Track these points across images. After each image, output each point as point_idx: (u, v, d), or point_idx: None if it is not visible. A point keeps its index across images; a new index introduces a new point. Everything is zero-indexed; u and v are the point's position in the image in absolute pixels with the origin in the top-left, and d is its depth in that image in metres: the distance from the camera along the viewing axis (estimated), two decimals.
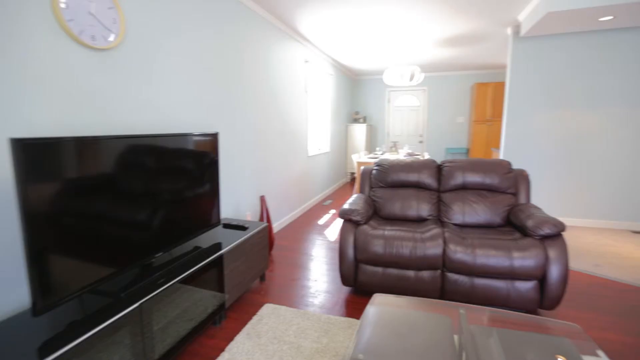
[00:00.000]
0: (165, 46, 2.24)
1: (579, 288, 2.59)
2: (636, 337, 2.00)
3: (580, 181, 4.03)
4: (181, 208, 1.99)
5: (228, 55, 2.94)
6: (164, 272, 1.76)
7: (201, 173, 2.16)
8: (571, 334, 1.41)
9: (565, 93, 3.92)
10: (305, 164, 5.02)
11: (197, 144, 2.11)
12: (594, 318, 2.20)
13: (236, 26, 3.04)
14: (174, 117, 2.36)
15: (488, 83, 6.69)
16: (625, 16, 3.04)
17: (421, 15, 3.50)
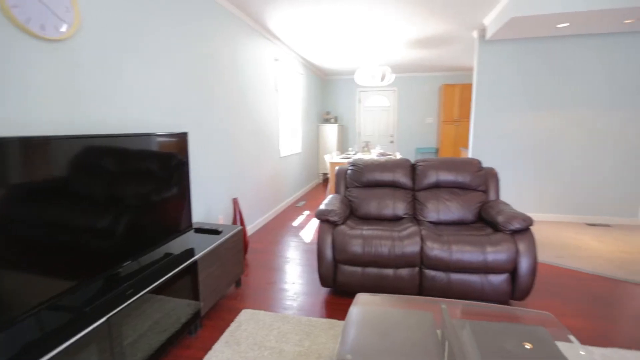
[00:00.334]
0: (127, 41, 2.09)
1: (545, 279, 2.73)
2: (599, 321, 2.14)
3: (542, 179, 4.28)
4: (148, 213, 1.86)
5: (196, 52, 2.82)
6: (132, 283, 1.64)
7: (170, 175, 2.04)
8: (545, 322, 1.47)
9: (527, 95, 4.15)
10: (278, 164, 4.94)
11: (164, 144, 1.98)
12: (560, 306, 2.32)
13: (204, 21, 2.92)
14: (138, 116, 2.21)
15: (455, 84, 6.96)
16: (580, 24, 3.27)
17: (393, 15, 3.55)
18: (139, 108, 2.20)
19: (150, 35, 2.27)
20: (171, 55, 2.50)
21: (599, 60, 3.92)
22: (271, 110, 4.58)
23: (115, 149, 1.61)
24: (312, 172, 7.11)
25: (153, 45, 2.31)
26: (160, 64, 2.39)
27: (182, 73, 2.64)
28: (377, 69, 4.71)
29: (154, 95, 2.34)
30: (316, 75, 7.22)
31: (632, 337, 1.98)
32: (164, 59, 2.42)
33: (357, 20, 3.75)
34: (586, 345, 1.78)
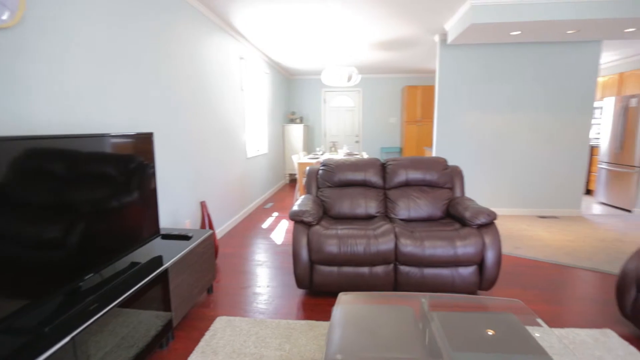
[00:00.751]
0: (81, 34, 1.92)
1: (506, 269, 2.92)
2: (558, 305, 2.32)
3: (499, 175, 4.58)
4: (109, 221, 1.71)
5: (159, 49, 2.66)
6: (96, 297, 1.50)
7: (133, 179, 1.90)
8: (515, 308, 1.56)
9: (485, 97, 4.42)
10: (245, 166, 4.82)
11: (124, 146, 1.84)
12: (521, 293, 2.50)
13: (167, 16, 2.77)
14: (94, 116, 2.04)
15: (417, 86, 7.24)
16: (530, 32, 3.54)
17: (360, 15, 3.60)
18: (94, 107, 2.03)
19: (106, 29, 2.11)
20: (132, 52, 2.33)
21: (546, 66, 4.28)
22: (237, 110, 4.46)
23: (64, 151, 1.45)
24: (278, 173, 7.03)
25: (112, 40, 2.14)
26: (121, 62, 2.22)
27: (143, 70, 2.48)
28: (344, 70, 4.76)
29: (113, 94, 2.17)
30: (281, 75, 7.15)
31: (583, 317, 2.17)
32: (124, 56, 2.25)
33: (324, 21, 3.76)
34: (573, 329, 1.93)
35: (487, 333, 1.35)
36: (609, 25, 3.25)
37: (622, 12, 3.01)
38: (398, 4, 3.25)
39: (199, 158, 3.37)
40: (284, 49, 5.09)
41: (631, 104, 4.70)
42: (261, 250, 3.43)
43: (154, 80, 2.60)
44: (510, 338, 1.33)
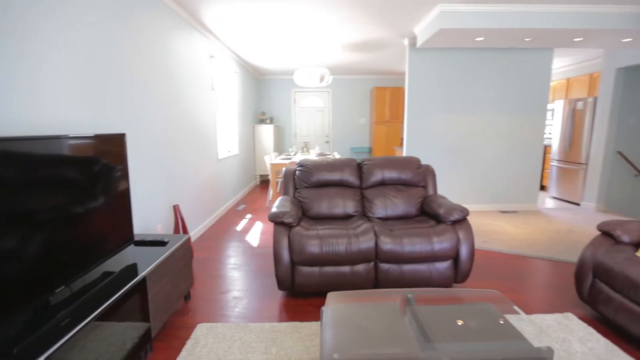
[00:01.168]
0: (43, 29, 1.77)
1: (476, 262, 3.09)
2: (524, 294, 2.49)
3: (465, 173, 4.83)
4: (79, 229, 1.60)
5: (127, 45, 2.52)
6: (68, 312, 1.39)
7: (105, 183, 1.79)
8: (493, 298, 1.66)
9: (452, 99, 4.64)
10: (216, 167, 4.69)
11: (96, 148, 1.73)
12: (492, 284, 2.65)
13: (136, 11, 2.63)
14: (61, 117, 1.89)
15: (386, 87, 7.43)
16: (492, 38, 3.77)
17: (334, 16, 3.63)
18: (53, 106, 1.88)
19: (68, 23, 1.96)
20: (97, 50, 2.19)
21: (507, 71, 4.58)
22: (208, 110, 4.32)
23: (16, 154, 1.31)
24: (249, 174, 6.91)
25: (77, 36, 1.99)
26: (85, 59, 2.07)
27: (110, 68, 2.33)
28: (316, 71, 4.78)
29: (79, 94, 2.02)
30: (251, 74, 7.03)
31: (547, 303, 2.35)
32: (88, 53, 2.10)
33: (296, 21, 3.75)
34: (539, 314, 2.07)
35: (471, 323, 1.42)
36: (561, 34, 3.54)
37: (572, 23, 3.30)
38: (371, 8, 3.32)
39: (170, 160, 3.23)
40: (254, 48, 5.02)
41: (578, 107, 5.16)
42: (237, 254, 3.36)
43: (123, 78, 2.45)
44: (492, 327, 1.42)
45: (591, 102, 4.92)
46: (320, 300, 2.46)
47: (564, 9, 3.26)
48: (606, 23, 3.31)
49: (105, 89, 2.27)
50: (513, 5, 3.23)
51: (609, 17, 3.31)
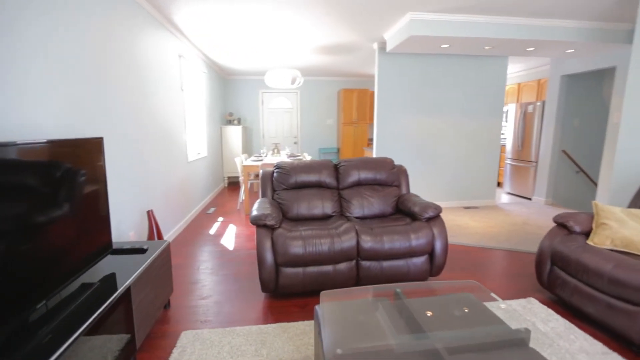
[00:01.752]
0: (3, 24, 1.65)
1: (447, 255, 3.28)
2: (491, 282, 2.70)
3: (431, 172, 5.09)
4: (54, 240, 1.51)
5: (93, 44, 2.38)
6: (50, 330, 1.31)
7: (82, 191, 1.70)
8: (472, 288, 1.80)
9: (419, 102, 4.88)
10: (186, 170, 4.55)
11: (71, 153, 1.63)
12: (462, 275, 2.85)
13: (102, 4, 2.49)
14: (27, 121, 1.76)
15: (353, 89, 7.60)
16: (456, 46, 4.02)
17: (309, 21, 3.68)
18: (26, 110, 1.75)
19: (25, 16, 1.83)
20: (63, 48, 2.05)
21: (469, 76, 4.90)
22: (178, 111, 4.18)
23: None
24: (217, 176, 6.76)
25: (43, 34, 1.86)
26: (51, 58, 1.94)
27: (79, 70, 2.20)
28: (288, 72, 4.80)
29: (45, 94, 1.89)
30: (218, 74, 6.87)
31: (511, 289, 2.57)
32: (54, 52, 1.97)
33: (268, 23, 3.75)
34: (506, 300, 2.25)
35: (456, 312, 1.54)
36: (516, 44, 3.88)
37: (525, 35, 3.63)
38: (345, 14, 3.41)
39: (141, 164, 3.09)
40: (224, 48, 4.92)
41: (528, 110, 5.65)
42: (213, 258, 3.29)
43: (88, 79, 2.32)
44: (475, 314, 1.55)
45: (540, 105, 5.41)
46: (303, 300, 2.50)
47: (519, 21, 3.58)
48: (553, 35, 3.67)
49: (74, 90, 2.14)
50: (475, 16, 3.49)
51: (556, 31, 3.68)
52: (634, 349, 1.88)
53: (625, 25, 3.79)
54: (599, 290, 2.01)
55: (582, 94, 5.12)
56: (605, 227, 2.18)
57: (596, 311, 2.01)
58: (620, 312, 1.88)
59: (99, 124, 2.41)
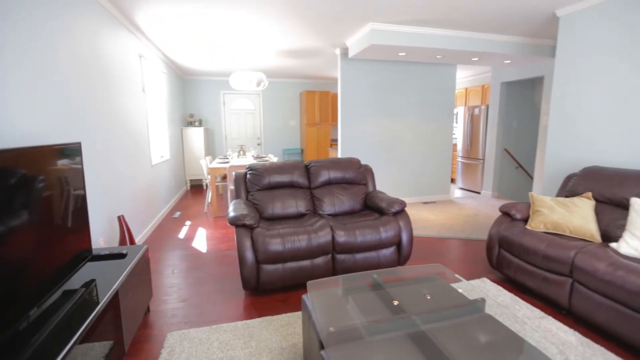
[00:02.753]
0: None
1: None
2: (450, 267, 2.99)
3: (393, 170, 5.44)
4: (36, 249, 1.52)
5: (52, 44, 2.32)
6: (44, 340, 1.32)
7: (61, 197, 1.70)
8: (437, 271, 2.06)
9: (380, 105, 5.19)
10: (150, 174, 4.44)
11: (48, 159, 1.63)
12: (426, 263, 3.15)
13: (59, 4, 2.43)
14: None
15: (315, 91, 7.79)
16: (412, 54, 4.38)
17: (276, 27, 3.80)
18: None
19: None
20: (21, 47, 2.00)
21: (423, 82, 5.32)
22: (140, 113, 4.08)
23: None
24: (180, 180, 6.60)
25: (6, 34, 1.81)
26: (5, 57, 1.89)
27: (39, 69, 2.14)
28: (253, 75, 4.86)
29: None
30: (177, 75, 6.70)
31: (468, 272, 2.92)
32: (10, 51, 1.92)
33: (233, 26, 3.80)
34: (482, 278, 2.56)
35: (425, 290, 1.78)
36: (463, 54, 4.32)
37: (470, 46, 4.07)
38: (309, 20, 3.58)
39: (107, 168, 3.01)
40: (185, 48, 4.85)
41: (475, 113, 6.24)
42: (187, 261, 3.30)
43: (50, 81, 2.26)
44: (441, 291, 1.80)
45: (484, 109, 6.01)
46: (283, 295, 2.63)
47: (465, 35, 4.01)
48: (493, 48, 4.16)
49: (37, 92, 2.08)
50: (429, 29, 3.85)
51: (495, 44, 4.17)
52: (563, 312, 2.28)
53: (550, 41, 4.39)
54: (536, 266, 2.39)
55: (519, 99, 5.79)
56: (539, 214, 2.58)
57: (535, 284, 2.39)
58: (552, 283, 2.26)
59: (65, 128, 2.34)
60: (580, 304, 2.10)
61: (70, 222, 1.74)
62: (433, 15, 3.45)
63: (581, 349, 1.89)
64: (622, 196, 2.43)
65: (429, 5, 3.16)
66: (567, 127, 3.31)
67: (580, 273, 2.09)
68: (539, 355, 1.27)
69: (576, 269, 2.11)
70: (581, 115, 3.17)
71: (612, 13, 2.89)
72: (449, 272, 2.01)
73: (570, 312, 2.19)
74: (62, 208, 1.67)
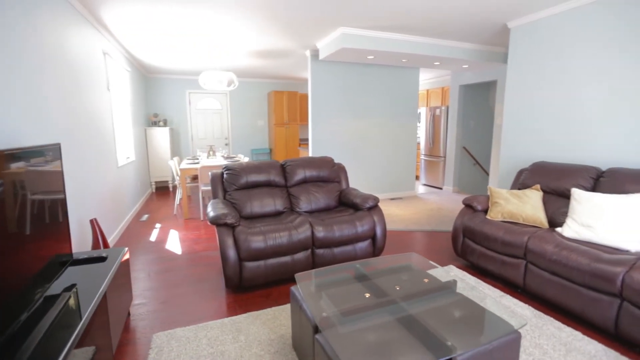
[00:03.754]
0: None
1: None
2: None
3: (362, 168, 5.66)
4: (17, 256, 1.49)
5: (15, 40, 2.22)
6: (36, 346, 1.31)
7: (41, 201, 1.66)
8: (412, 259, 2.25)
9: (350, 105, 5.38)
10: (117, 176, 4.28)
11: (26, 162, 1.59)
12: (398, 253, 3.36)
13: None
14: None
15: (283, 91, 7.84)
16: (379, 57, 4.60)
17: (248, 28, 3.82)
18: None
19: None
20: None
21: (390, 84, 5.58)
22: (106, 112, 3.92)
23: None
24: (145, 182, 6.37)
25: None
26: None
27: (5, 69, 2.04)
28: (224, 75, 4.83)
29: None
30: (140, 73, 6.44)
31: (436, 260, 3.17)
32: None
33: (204, 27, 3.78)
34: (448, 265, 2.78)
35: (403, 276, 1.96)
36: (425, 59, 4.62)
37: (433, 52, 4.37)
38: (282, 22, 3.66)
39: (74, 170, 2.89)
40: (152, 46, 4.71)
41: (436, 113, 6.65)
42: (163, 263, 3.25)
43: (16, 76, 2.16)
44: (417, 275, 1.98)
45: (444, 109, 6.43)
46: (266, 290, 2.70)
47: (429, 41, 4.30)
48: (453, 54, 4.50)
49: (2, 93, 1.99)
50: (395, 34, 4.08)
51: (455, 50, 4.51)
52: (519, 290, 2.57)
53: (502, 49, 4.83)
54: (496, 251, 2.68)
55: (475, 101, 6.26)
56: (497, 205, 2.88)
57: (495, 267, 2.68)
58: (510, 266, 2.55)
59: (32, 129, 2.24)
60: (533, 282, 2.40)
61: (53, 226, 1.70)
62: (400, 22, 3.67)
63: (534, 320, 2.17)
64: (565, 187, 2.79)
65: (397, 13, 3.37)
66: (519, 127, 3.68)
67: (532, 255, 2.38)
68: (505, 324, 1.48)
69: (529, 251, 2.41)
70: (530, 116, 3.55)
71: (555, 26, 3.28)
72: (423, 259, 2.21)
73: (525, 290, 2.48)
74: (43, 212, 1.63)
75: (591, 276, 2.03)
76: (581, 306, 2.09)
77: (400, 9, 3.27)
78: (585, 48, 3.04)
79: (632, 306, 1.86)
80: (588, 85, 3.03)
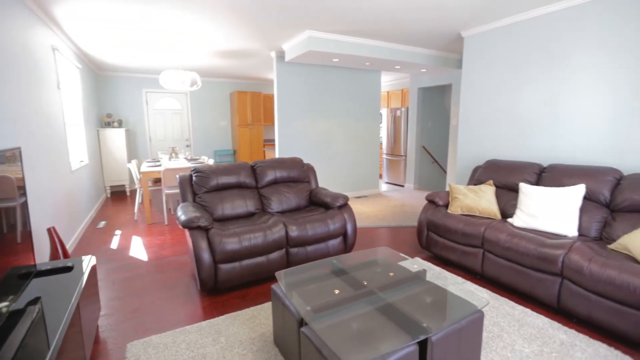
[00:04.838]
0: None
1: None
2: None
3: (329, 167, 5.78)
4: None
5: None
6: None
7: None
8: (384, 252, 2.39)
9: (315, 106, 5.47)
10: (70, 180, 4.00)
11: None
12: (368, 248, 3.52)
13: None
14: None
15: (246, 92, 7.74)
16: (344, 60, 4.75)
17: (214, 27, 3.77)
18: None
19: None
20: None
21: (354, 85, 5.76)
22: (57, 113, 3.65)
23: None
24: (99, 186, 5.99)
25: None
26: None
27: None
28: (187, 75, 4.70)
29: None
30: (90, 69, 6.04)
31: (403, 253, 3.36)
32: None
33: (165, 25, 3.67)
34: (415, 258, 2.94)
35: (377, 268, 2.08)
36: (387, 63, 4.85)
37: (394, 56, 4.60)
38: (248, 23, 3.66)
39: (29, 175, 2.69)
40: (107, 43, 4.45)
41: (397, 114, 6.97)
42: (128, 271, 3.11)
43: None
44: (389, 267, 2.12)
45: (404, 111, 6.76)
46: (241, 291, 2.71)
47: (390, 46, 4.52)
48: (412, 58, 4.77)
49: None
50: (359, 39, 4.25)
51: (414, 55, 4.78)
52: (477, 276, 2.83)
53: (457, 55, 5.20)
54: (457, 242, 2.92)
55: (433, 103, 6.66)
56: (457, 200, 3.13)
57: (456, 257, 2.91)
58: (469, 255, 2.80)
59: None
60: (489, 269, 2.65)
61: (14, 235, 1.59)
62: (364, 27, 3.83)
63: (492, 301, 2.41)
64: (513, 182, 3.10)
65: (360, 17, 3.52)
66: (473, 128, 4.01)
67: (488, 244, 2.64)
68: (470, 305, 1.65)
69: (486, 241, 2.66)
70: (483, 118, 3.89)
71: (504, 36, 3.62)
72: (394, 252, 2.36)
73: (483, 275, 2.74)
74: (1, 220, 1.53)
75: (537, 259, 2.30)
76: (530, 286, 2.37)
77: (364, 16, 3.42)
78: (525, 57, 3.40)
79: (571, 283, 2.15)
80: (529, 91, 3.39)
